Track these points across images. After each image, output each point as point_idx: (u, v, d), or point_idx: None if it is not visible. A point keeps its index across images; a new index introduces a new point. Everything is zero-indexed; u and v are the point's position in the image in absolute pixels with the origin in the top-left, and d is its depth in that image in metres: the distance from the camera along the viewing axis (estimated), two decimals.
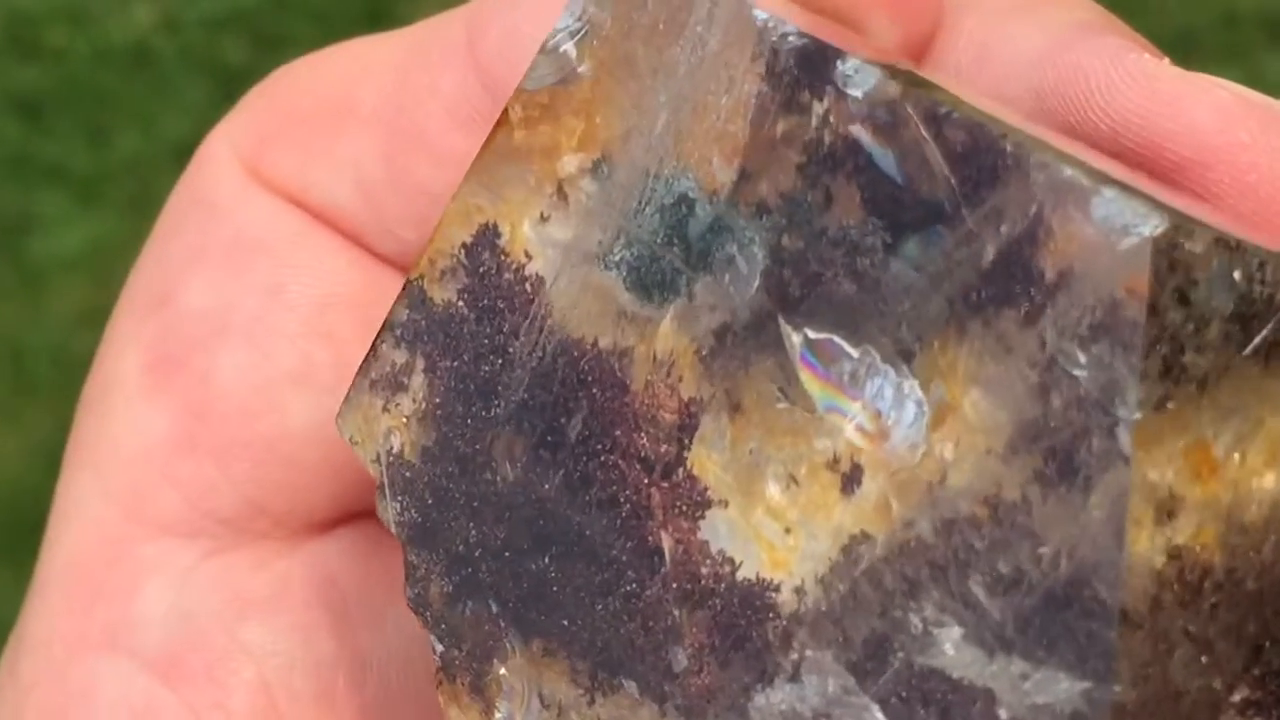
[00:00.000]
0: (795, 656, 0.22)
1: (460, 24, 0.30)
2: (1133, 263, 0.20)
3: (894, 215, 0.22)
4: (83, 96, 1.40)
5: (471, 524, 0.25)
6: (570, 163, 0.24)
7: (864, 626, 0.22)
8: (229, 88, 1.26)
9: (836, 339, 0.22)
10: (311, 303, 0.30)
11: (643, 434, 0.23)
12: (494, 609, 0.25)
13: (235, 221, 0.31)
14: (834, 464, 0.22)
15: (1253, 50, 1.42)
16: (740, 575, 0.23)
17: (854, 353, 0.22)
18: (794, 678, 0.22)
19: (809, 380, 0.22)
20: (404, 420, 0.25)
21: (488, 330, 0.25)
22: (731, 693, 0.23)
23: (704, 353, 0.23)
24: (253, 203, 0.31)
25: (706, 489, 0.23)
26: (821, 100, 0.22)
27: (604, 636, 0.24)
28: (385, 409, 0.26)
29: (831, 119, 0.22)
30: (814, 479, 0.22)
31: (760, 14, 0.23)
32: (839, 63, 0.22)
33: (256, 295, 0.30)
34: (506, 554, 0.25)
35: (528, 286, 0.24)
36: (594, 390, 0.24)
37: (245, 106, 0.32)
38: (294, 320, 0.30)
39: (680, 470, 0.23)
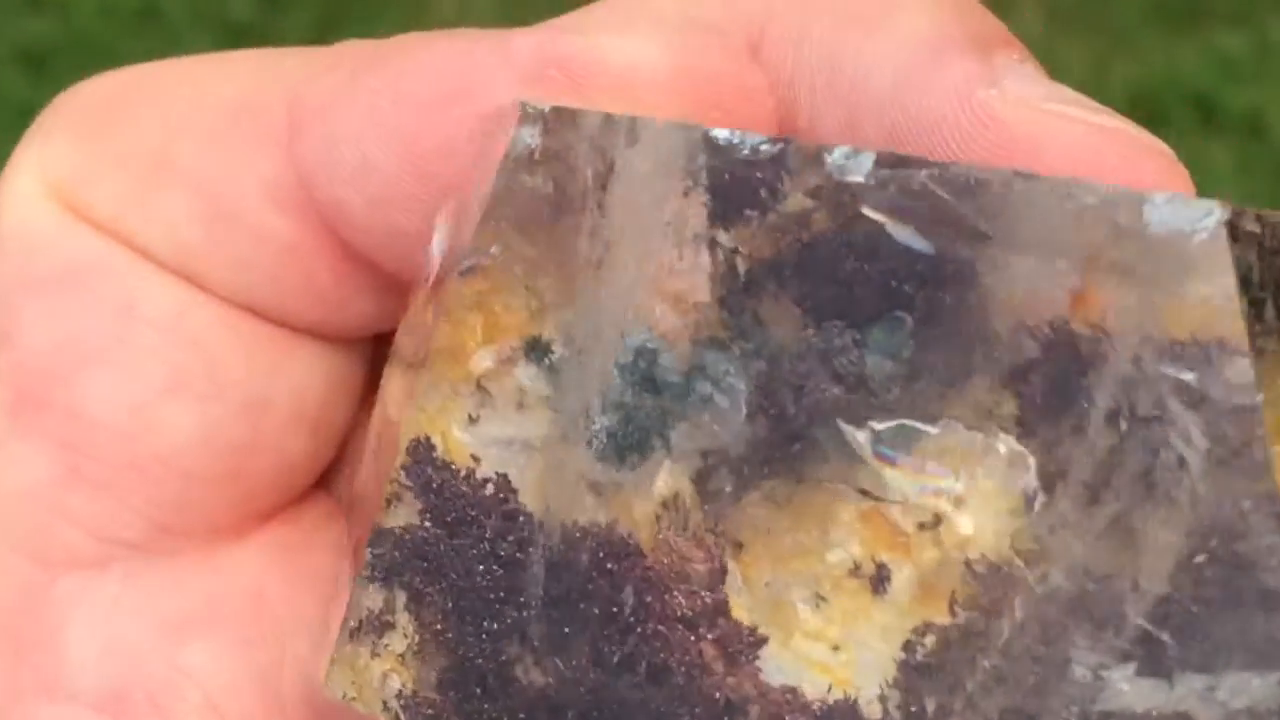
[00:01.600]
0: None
1: (281, 107, 0.29)
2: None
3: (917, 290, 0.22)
4: (89, 50, 1.39)
5: None
6: (483, 358, 0.24)
7: (996, 703, 0.21)
8: (235, 44, 1.25)
9: (908, 422, 0.22)
10: (167, 313, 0.30)
11: (674, 593, 0.23)
12: None
13: (62, 251, 0.30)
14: (856, 571, 0.22)
15: (1260, 12, 1.41)
16: (815, 701, 0.22)
17: (933, 429, 0.22)
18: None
19: (896, 473, 0.22)
20: (398, 658, 0.25)
21: (469, 542, 0.24)
22: None
23: (703, 496, 0.23)
24: (77, 233, 0.30)
25: (756, 628, 0.23)
26: (814, 196, 0.22)
27: None
28: (375, 654, 0.25)
29: (828, 209, 0.22)
30: (840, 590, 0.22)
31: (689, 134, 0.23)
32: (826, 155, 0.22)
33: (105, 317, 0.30)
34: None
35: (489, 489, 0.24)
36: (610, 566, 0.23)
37: (51, 133, 0.31)
38: (153, 333, 0.30)
39: (722, 618, 0.23)
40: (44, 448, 0.30)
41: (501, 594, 0.24)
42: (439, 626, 0.25)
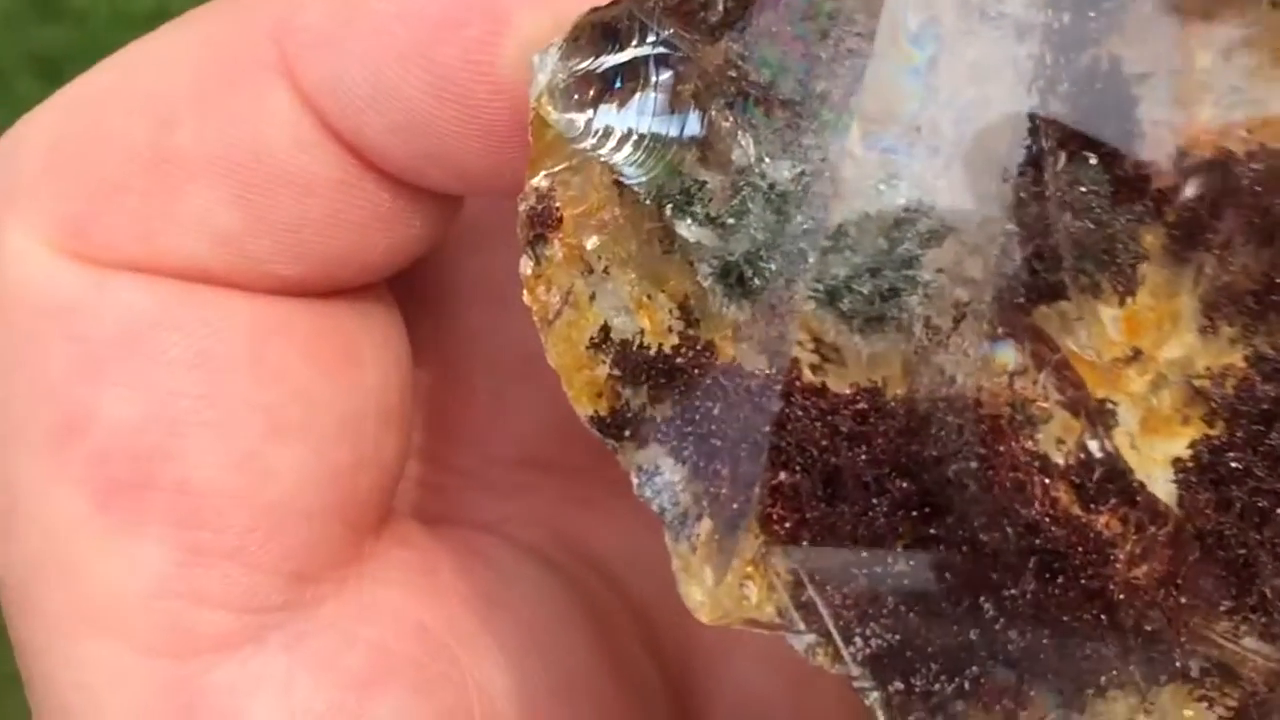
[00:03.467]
0: None
1: (268, 43, 0.27)
2: None
3: None
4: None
5: (973, 604, 0.23)
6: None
7: None
8: None
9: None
10: (244, 352, 0.28)
11: (1017, 442, 0.23)
12: (1010, 677, 0.23)
13: (110, 313, 0.27)
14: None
15: None
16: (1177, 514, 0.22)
17: None
18: None
19: None
20: (750, 563, 0.23)
21: (803, 426, 0.23)
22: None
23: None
24: (114, 287, 0.27)
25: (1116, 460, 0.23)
26: None
27: (1106, 644, 0.23)
28: (727, 565, 0.24)
29: None
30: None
31: None
32: None
33: (185, 375, 0.27)
34: (1028, 615, 0.23)
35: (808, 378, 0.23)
36: (959, 427, 0.23)
37: (23, 187, 0.28)
38: (237, 379, 0.28)
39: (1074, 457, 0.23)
40: (156, 534, 0.27)
41: (869, 473, 0.23)
42: (805, 519, 0.23)
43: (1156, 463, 0.23)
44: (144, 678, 0.27)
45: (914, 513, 0.23)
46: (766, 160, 0.23)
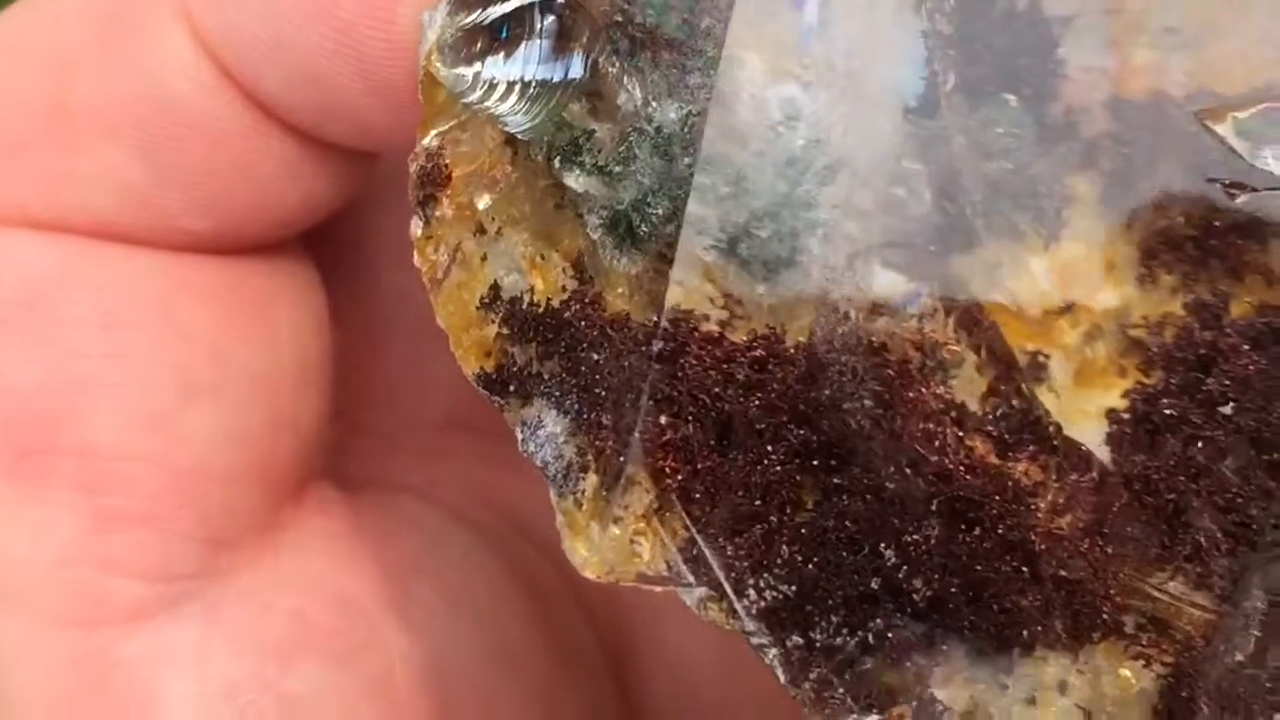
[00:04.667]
0: None
1: None
2: None
3: None
4: None
5: (872, 551, 0.22)
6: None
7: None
8: None
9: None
10: (154, 309, 0.27)
11: (928, 388, 0.22)
12: (920, 631, 0.23)
13: (11, 272, 0.27)
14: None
15: None
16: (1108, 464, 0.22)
17: None
18: None
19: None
20: (641, 518, 0.23)
21: (696, 375, 0.22)
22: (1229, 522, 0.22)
23: None
24: (16, 246, 0.27)
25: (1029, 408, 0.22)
26: None
27: (1027, 596, 0.22)
28: (616, 520, 0.23)
29: None
30: None
31: None
32: None
33: (91, 334, 0.27)
34: (932, 562, 0.22)
35: (708, 329, 0.22)
36: (861, 373, 0.22)
37: None
38: (146, 338, 0.27)
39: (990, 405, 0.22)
40: (64, 500, 0.26)
41: (769, 419, 0.22)
42: (697, 471, 0.22)
43: (1090, 415, 0.22)
44: (53, 650, 0.27)
45: (813, 461, 0.22)
46: (653, 104, 0.22)
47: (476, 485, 0.32)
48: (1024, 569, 0.22)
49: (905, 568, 0.22)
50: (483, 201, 0.24)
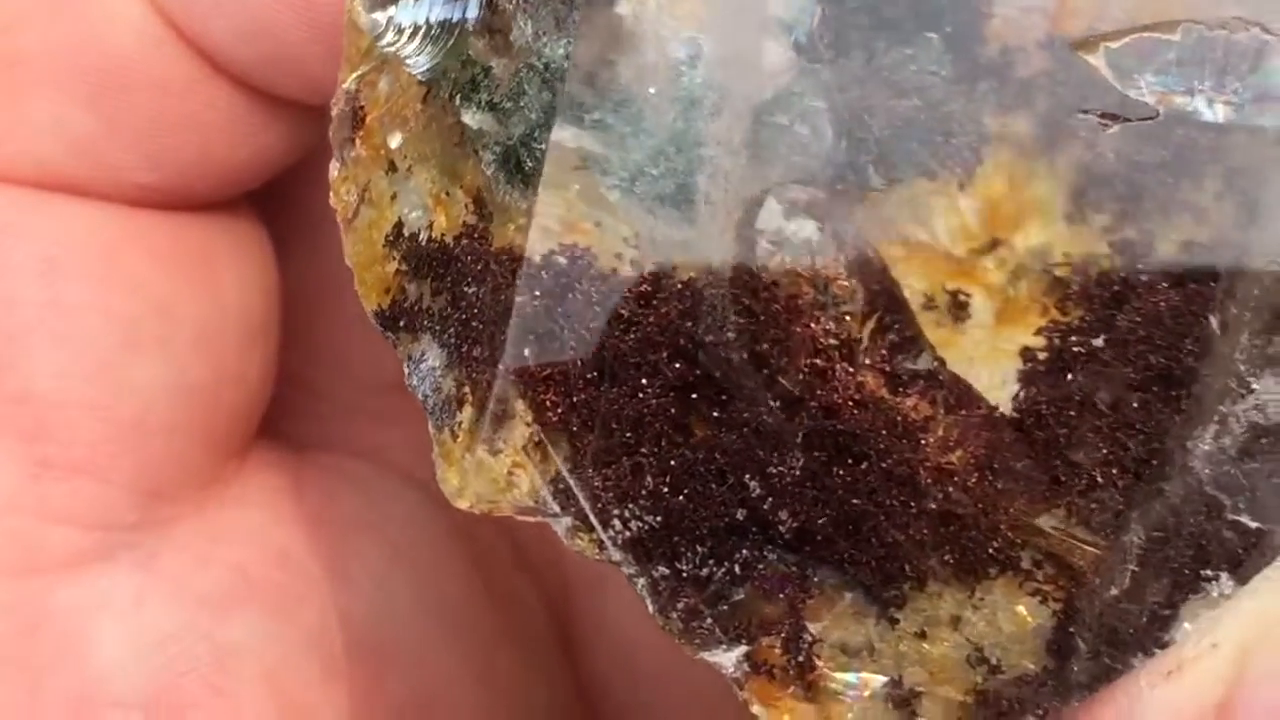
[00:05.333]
0: (1229, 380, 0.22)
1: None
2: None
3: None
4: None
5: (737, 482, 0.23)
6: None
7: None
8: None
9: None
10: (98, 260, 0.27)
11: (818, 323, 0.22)
12: (791, 564, 0.23)
13: None
14: (929, 305, 0.22)
15: None
16: (1001, 402, 0.22)
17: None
18: (1244, 393, 0.22)
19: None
20: (521, 450, 0.23)
21: (577, 309, 0.23)
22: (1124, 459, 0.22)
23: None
24: None
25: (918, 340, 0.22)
26: None
27: (910, 532, 0.23)
28: (496, 452, 0.23)
29: None
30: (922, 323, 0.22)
31: None
32: None
33: (30, 283, 0.27)
34: (799, 494, 0.22)
35: (579, 262, 0.23)
36: (748, 308, 0.22)
37: None
38: (89, 288, 0.27)
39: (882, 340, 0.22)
40: (1, 447, 0.27)
41: (648, 354, 0.22)
42: (574, 403, 0.23)
43: (1008, 354, 0.22)
44: None
45: (691, 395, 0.22)
46: (542, 39, 0.22)
47: (425, 448, 0.32)
48: (910, 504, 0.22)
49: (770, 499, 0.22)
50: (395, 140, 0.24)
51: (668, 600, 0.23)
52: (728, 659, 0.23)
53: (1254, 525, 0.22)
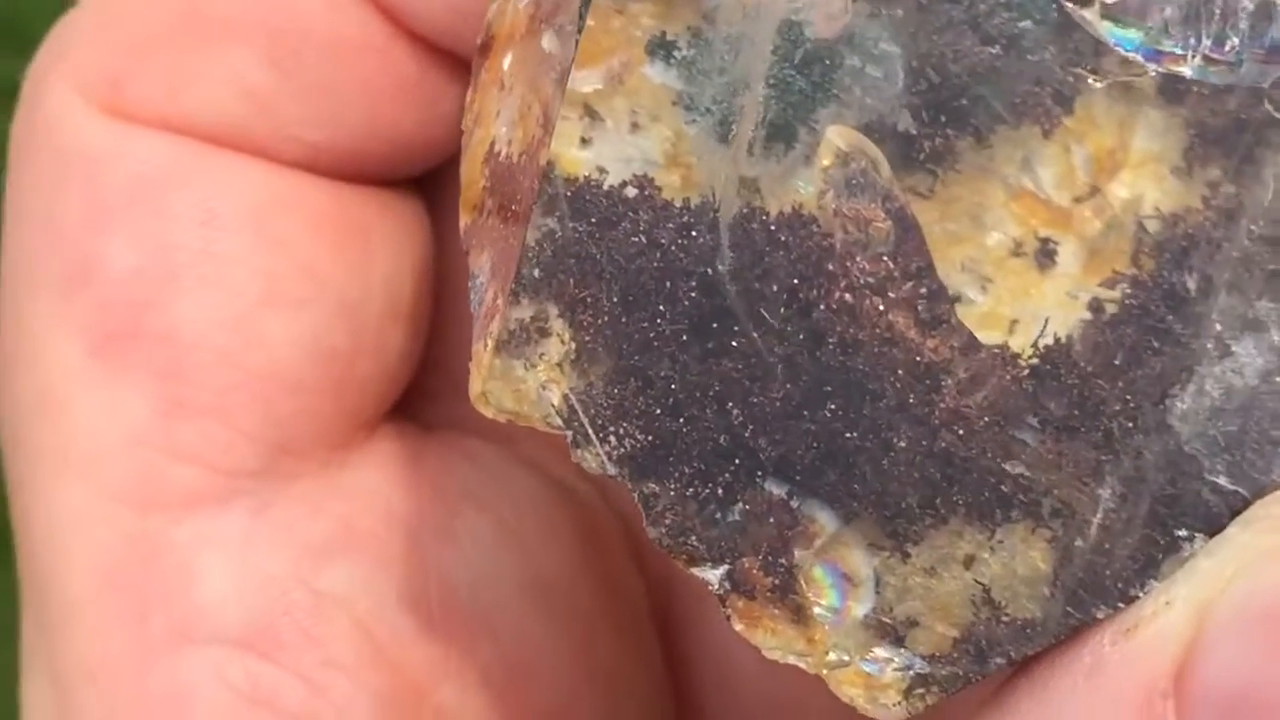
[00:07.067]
0: (1206, 342, 0.22)
1: None
2: None
3: None
4: None
5: (721, 408, 0.23)
6: (588, 79, 0.23)
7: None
8: None
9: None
10: (251, 217, 0.28)
11: (857, 259, 0.23)
12: (779, 492, 0.24)
13: (125, 165, 0.28)
14: (1018, 250, 0.23)
15: None
16: (1027, 349, 0.23)
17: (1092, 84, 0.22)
18: (1222, 355, 0.22)
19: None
20: (556, 367, 0.24)
21: (622, 234, 0.23)
22: (1130, 412, 0.22)
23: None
24: (134, 141, 0.28)
25: (946, 287, 0.23)
26: None
27: (918, 470, 0.23)
28: (530, 366, 0.24)
29: None
30: (1005, 270, 0.23)
31: None
32: None
33: (188, 230, 0.28)
34: (779, 423, 0.23)
35: (630, 190, 0.23)
36: (784, 238, 0.23)
37: (73, 43, 0.29)
38: (240, 239, 0.28)
39: (910, 281, 0.23)
40: (140, 384, 0.28)
41: (667, 283, 0.23)
42: (600, 325, 0.23)
43: (1080, 304, 0.22)
44: (109, 524, 0.28)
45: (712, 325, 0.23)
46: None
47: (553, 439, 0.33)
48: (922, 443, 0.22)
49: (752, 427, 0.23)
50: (507, 61, 0.25)
51: (658, 515, 0.23)
52: (713, 576, 0.24)
53: (1231, 487, 0.22)
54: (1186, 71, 0.22)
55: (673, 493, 0.24)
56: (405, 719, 0.28)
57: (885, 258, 0.23)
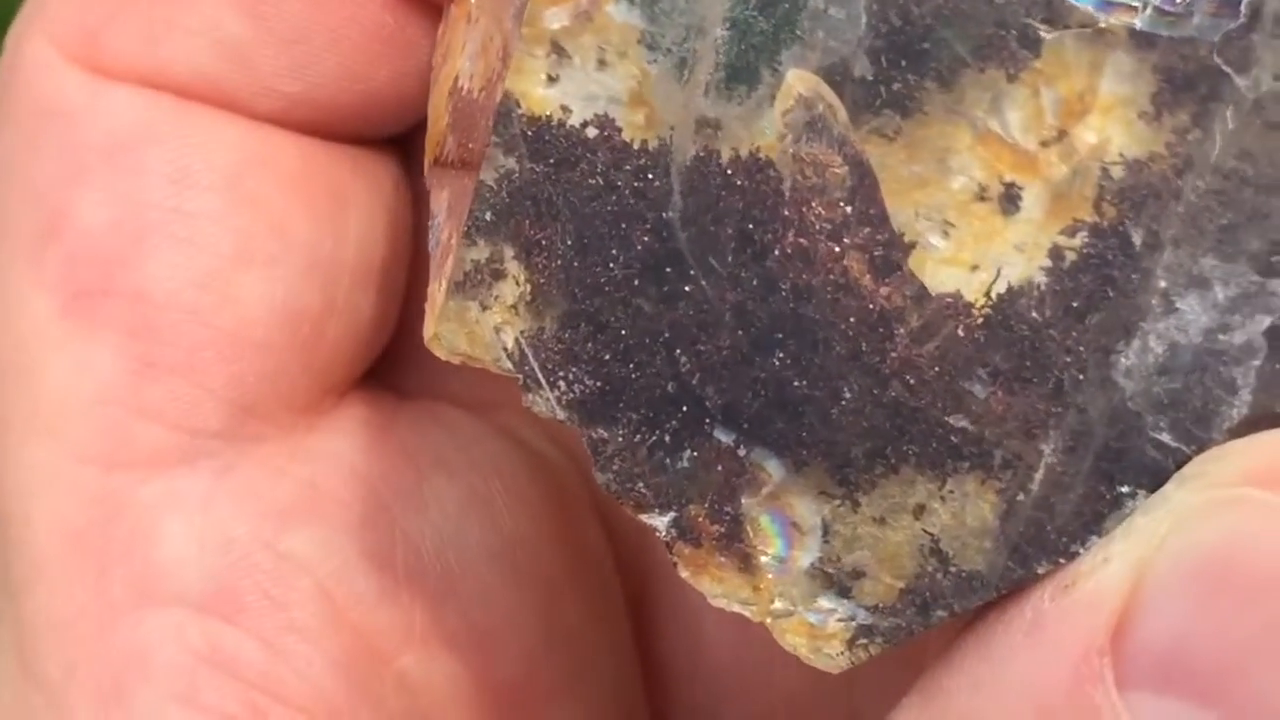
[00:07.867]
0: (1151, 298, 0.22)
1: None
2: None
3: None
4: None
5: (669, 355, 0.23)
6: (556, 16, 0.23)
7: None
8: None
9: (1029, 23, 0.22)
10: (224, 175, 0.28)
11: (813, 204, 0.23)
12: (727, 440, 0.24)
13: (100, 122, 0.28)
14: (982, 194, 0.22)
15: None
16: (980, 298, 0.22)
17: (1049, 35, 0.22)
18: (1167, 311, 0.22)
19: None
20: (510, 309, 0.24)
21: (579, 176, 0.23)
22: (1079, 365, 0.22)
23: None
24: (109, 97, 0.28)
25: (902, 234, 0.23)
26: None
27: (868, 419, 0.23)
28: (485, 307, 0.24)
29: None
30: (968, 215, 0.23)
31: None
32: None
33: (161, 187, 0.28)
34: (727, 371, 0.23)
35: (591, 130, 0.23)
36: (741, 183, 0.23)
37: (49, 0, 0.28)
38: (214, 199, 0.28)
39: (867, 226, 0.23)
40: (110, 341, 0.28)
41: (622, 225, 0.23)
42: (554, 269, 0.23)
43: (1042, 249, 0.22)
44: (73, 484, 0.28)
45: (665, 269, 0.23)
46: None
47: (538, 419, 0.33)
48: (872, 392, 0.22)
49: (700, 375, 0.23)
50: None
51: (606, 461, 0.24)
52: (660, 522, 0.24)
53: (1174, 444, 0.22)
54: (1136, 23, 0.22)
55: (621, 439, 0.23)
56: (367, 683, 0.28)
57: (841, 203, 0.22)
